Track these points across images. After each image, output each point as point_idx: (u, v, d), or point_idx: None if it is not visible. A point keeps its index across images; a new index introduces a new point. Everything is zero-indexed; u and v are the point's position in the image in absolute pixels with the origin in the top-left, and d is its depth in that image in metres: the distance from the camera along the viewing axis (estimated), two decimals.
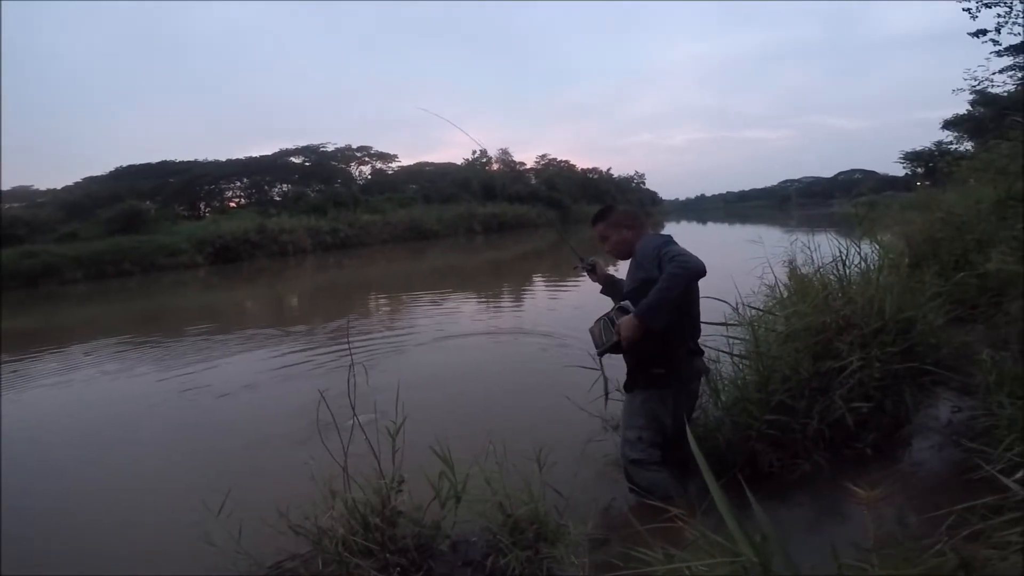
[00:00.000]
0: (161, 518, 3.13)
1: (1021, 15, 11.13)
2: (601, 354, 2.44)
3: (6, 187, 36.10)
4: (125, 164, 39.40)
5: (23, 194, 35.77)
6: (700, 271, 2.17)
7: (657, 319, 2.17)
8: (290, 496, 2.18)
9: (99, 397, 6.00)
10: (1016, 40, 12.43)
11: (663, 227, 43.06)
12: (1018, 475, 1.47)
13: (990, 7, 11.06)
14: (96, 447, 4.46)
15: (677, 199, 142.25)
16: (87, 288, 20.01)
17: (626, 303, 2.30)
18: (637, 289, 2.30)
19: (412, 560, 1.99)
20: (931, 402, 3.07)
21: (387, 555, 1.97)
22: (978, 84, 12.24)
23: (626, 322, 2.23)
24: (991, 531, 1.28)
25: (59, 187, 37.20)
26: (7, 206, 31.21)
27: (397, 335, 7.89)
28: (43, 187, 37.21)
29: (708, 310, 2.84)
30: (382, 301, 12.79)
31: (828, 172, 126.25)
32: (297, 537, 2.08)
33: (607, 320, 2.35)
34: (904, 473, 2.59)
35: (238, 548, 2.06)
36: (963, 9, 11.17)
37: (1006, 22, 11.33)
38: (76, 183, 37.53)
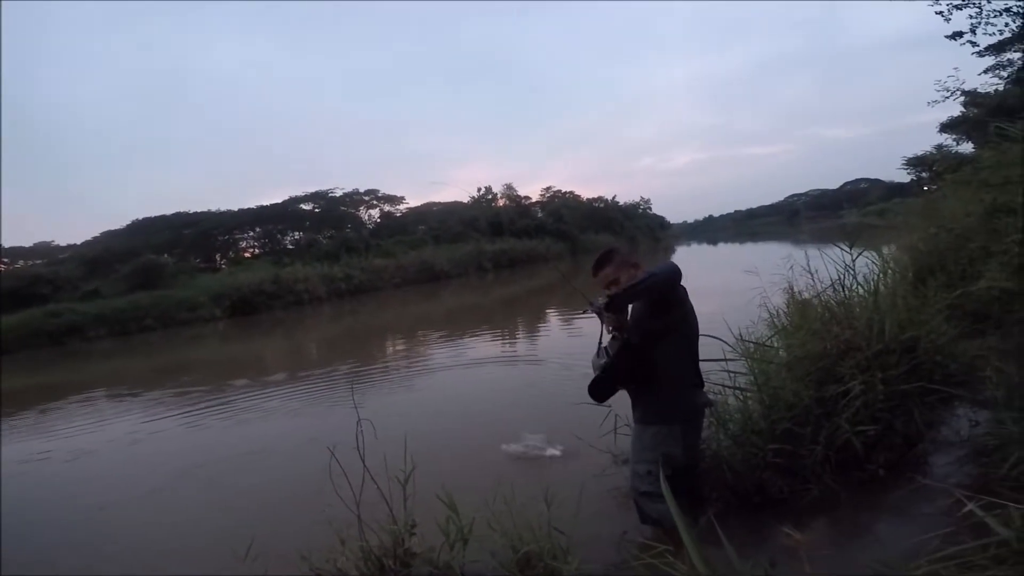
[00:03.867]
0: (187, 564, 3.23)
1: (991, 14, 11.14)
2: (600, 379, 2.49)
3: (29, 244, 36.98)
4: (141, 217, 40.12)
5: (44, 251, 36.43)
6: (675, 272, 2.27)
7: (623, 300, 2.27)
8: (310, 541, 2.30)
9: (119, 446, 6.21)
10: (993, 40, 12.38)
11: (674, 251, 43.04)
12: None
13: (961, 8, 11.08)
14: (114, 496, 4.64)
15: (685, 222, 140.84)
16: (111, 344, 20.49)
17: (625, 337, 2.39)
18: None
19: None
20: (949, 418, 3.06)
21: None
22: (950, 95, 12.11)
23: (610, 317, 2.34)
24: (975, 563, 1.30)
25: (79, 242, 37.99)
26: (30, 263, 32.25)
27: (405, 377, 8.00)
28: (63, 242, 37.98)
29: (710, 346, 2.91)
30: (396, 344, 12.92)
31: (834, 183, 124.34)
32: None
33: (603, 349, 2.43)
34: (912, 494, 2.58)
35: None
36: (936, 12, 11.17)
37: (979, 23, 11.35)
38: (95, 237, 38.25)
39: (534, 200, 52.63)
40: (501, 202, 49.91)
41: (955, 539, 1.54)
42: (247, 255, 39.53)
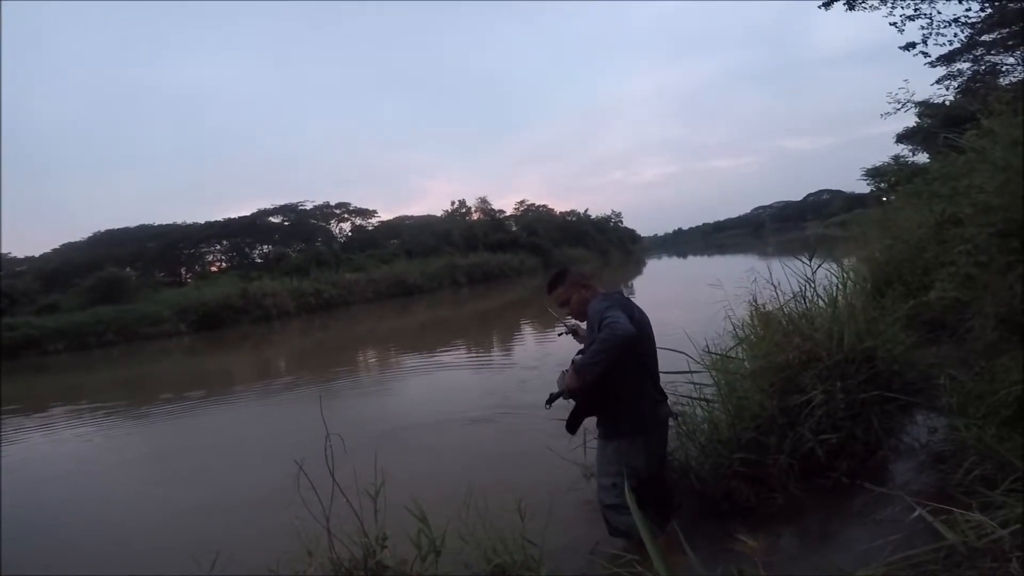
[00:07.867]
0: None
1: (941, 25, 11.62)
2: (553, 399, 2.55)
3: None
4: (103, 229, 39.14)
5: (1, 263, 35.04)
6: (628, 339, 2.24)
7: (590, 374, 2.32)
8: (278, 553, 2.24)
9: (85, 457, 6.08)
10: (943, 50, 12.87)
11: (644, 264, 43.65)
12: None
13: (913, 20, 11.52)
14: (80, 507, 4.56)
15: (656, 235, 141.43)
16: (70, 358, 19.78)
17: (579, 357, 2.44)
18: (589, 346, 2.44)
19: None
20: (908, 425, 3.15)
21: None
22: (901, 107, 12.58)
23: (569, 375, 2.42)
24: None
25: (37, 254, 36.73)
26: None
27: (375, 388, 7.91)
28: (21, 254, 36.53)
29: (677, 359, 2.95)
30: (367, 357, 12.76)
31: (797, 195, 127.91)
32: None
33: (563, 373, 2.47)
34: (873, 500, 2.65)
35: None
36: (890, 24, 11.56)
37: (930, 33, 11.81)
38: (54, 250, 37.21)
39: (508, 214, 52.85)
40: (475, 216, 49.94)
41: (911, 543, 1.59)
42: (214, 269, 38.65)
